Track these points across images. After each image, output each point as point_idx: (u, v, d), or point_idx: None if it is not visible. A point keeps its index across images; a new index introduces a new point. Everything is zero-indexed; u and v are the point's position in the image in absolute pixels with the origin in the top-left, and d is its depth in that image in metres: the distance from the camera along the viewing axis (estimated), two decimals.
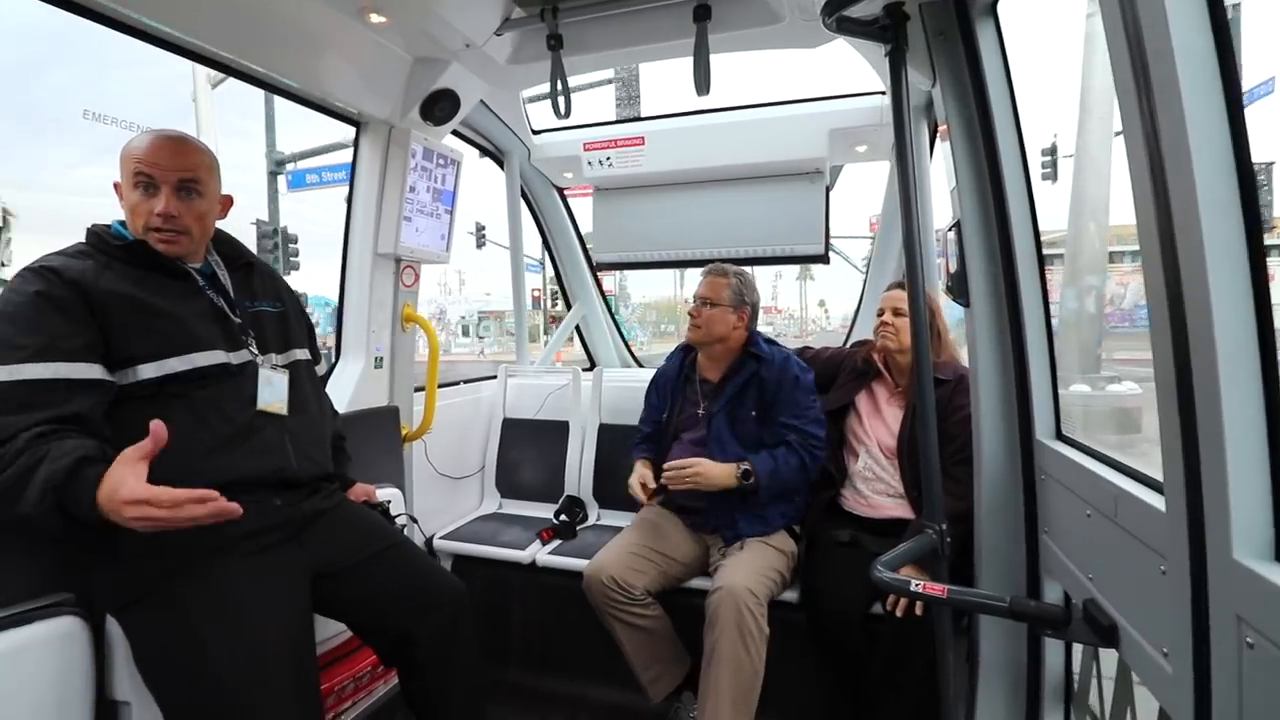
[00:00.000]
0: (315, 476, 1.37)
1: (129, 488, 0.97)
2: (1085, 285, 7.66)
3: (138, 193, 1.20)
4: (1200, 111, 0.67)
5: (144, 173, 1.19)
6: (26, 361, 1.05)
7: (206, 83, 9.34)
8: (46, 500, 0.97)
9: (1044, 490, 1.33)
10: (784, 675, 1.93)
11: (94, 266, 1.16)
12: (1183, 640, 0.76)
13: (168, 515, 0.97)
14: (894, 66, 1.35)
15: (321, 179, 11.04)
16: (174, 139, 1.23)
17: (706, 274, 2.04)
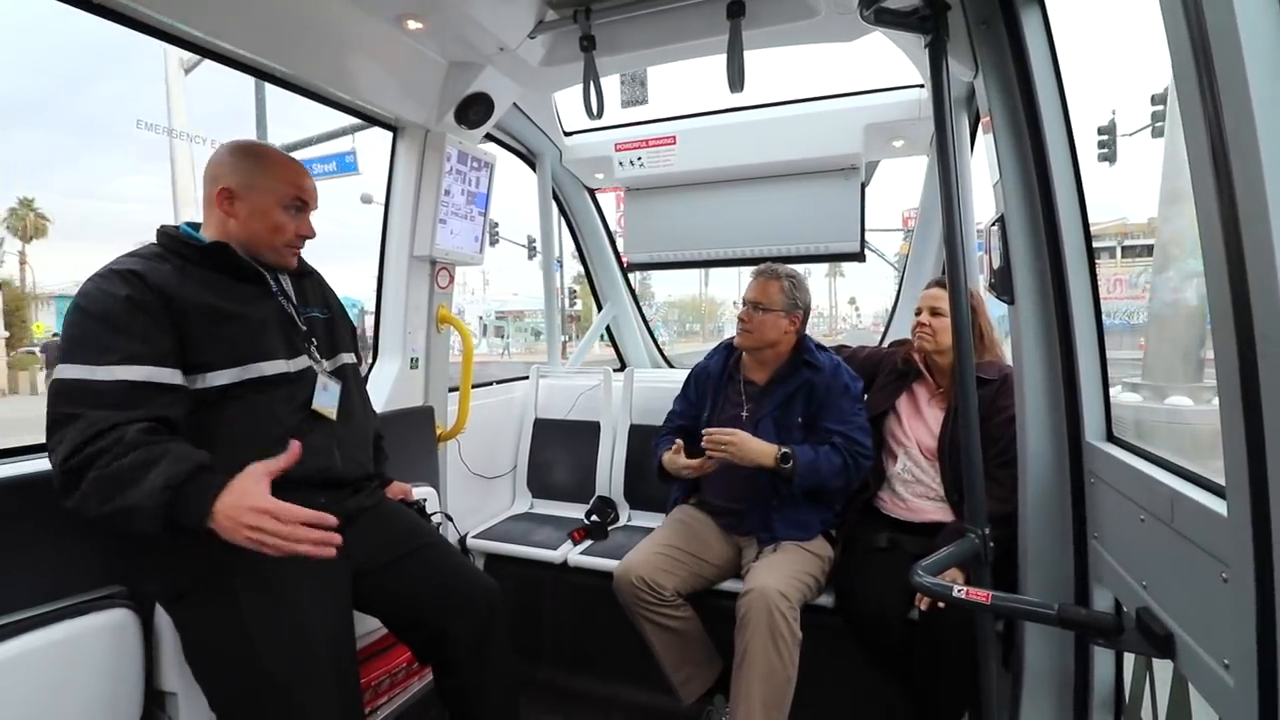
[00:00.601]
0: (358, 476, 1.41)
1: (256, 497, 1.02)
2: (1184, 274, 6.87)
3: (287, 215, 1.31)
4: (1267, 93, 0.64)
5: (301, 199, 1.33)
6: (121, 364, 1.09)
7: (179, 67, 8.94)
8: (161, 497, 1.00)
9: (1093, 494, 1.28)
10: (818, 680, 1.90)
11: (174, 272, 1.20)
12: (1246, 651, 0.72)
13: (284, 531, 1.01)
14: (934, 58, 1.32)
15: (313, 172, 10.84)
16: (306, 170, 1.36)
17: (757, 276, 1.99)
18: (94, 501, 1.02)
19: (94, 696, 1.16)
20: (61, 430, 1.04)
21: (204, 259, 1.25)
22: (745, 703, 1.63)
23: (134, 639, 1.22)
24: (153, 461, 1.02)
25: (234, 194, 1.26)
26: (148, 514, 1.00)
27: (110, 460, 1.01)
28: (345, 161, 9.65)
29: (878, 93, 2.28)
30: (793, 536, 1.86)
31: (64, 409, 1.05)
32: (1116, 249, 24.58)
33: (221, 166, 1.28)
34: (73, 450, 1.02)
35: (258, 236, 1.29)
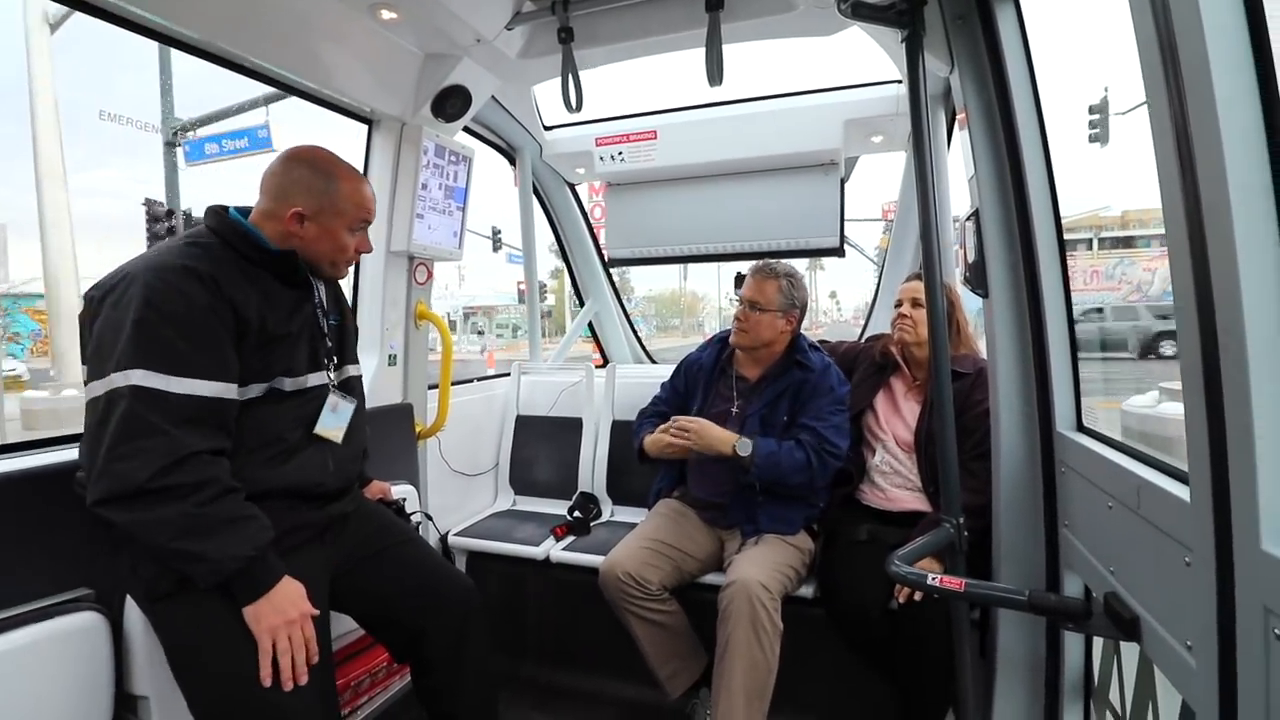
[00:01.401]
0: (346, 486, 1.39)
1: (305, 605, 1.15)
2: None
3: (353, 236, 1.32)
4: (1230, 90, 0.65)
5: (367, 220, 1.34)
6: (198, 378, 1.09)
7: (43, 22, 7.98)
8: (238, 563, 1.07)
9: (1064, 483, 1.31)
10: (800, 671, 1.92)
11: (239, 276, 1.18)
12: (1208, 633, 0.74)
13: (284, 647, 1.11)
14: (910, 53, 1.33)
15: (222, 149, 8.89)
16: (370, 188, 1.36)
17: (754, 274, 1.97)
18: (166, 533, 1.04)
19: (63, 701, 1.13)
20: (138, 441, 1.02)
21: (267, 263, 1.24)
22: (727, 694, 1.64)
23: (103, 642, 1.19)
24: (240, 519, 1.09)
25: (305, 216, 1.25)
26: (213, 568, 1.06)
27: (203, 502, 1.05)
28: (258, 137, 8.57)
29: (857, 88, 2.29)
30: (776, 530, 1.87)
31: (145, 418, 1.03)
32: (1093, 240, 24.98)
33: (294, 185, 1.26)
34: (158, 471, 1.02)
35: (321, 255, 1.30)
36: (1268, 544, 0.64)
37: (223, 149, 8.90)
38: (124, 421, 1.03)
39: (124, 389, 1.04)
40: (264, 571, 1.11)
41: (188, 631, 1.15)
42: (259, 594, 1.10)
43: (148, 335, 1.06)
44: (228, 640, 1.12)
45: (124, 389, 1.04)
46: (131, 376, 1.04)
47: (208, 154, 8.94)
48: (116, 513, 1.03)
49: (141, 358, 1.05)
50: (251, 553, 1.08)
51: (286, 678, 1.11)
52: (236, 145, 8.77)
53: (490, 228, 20.26)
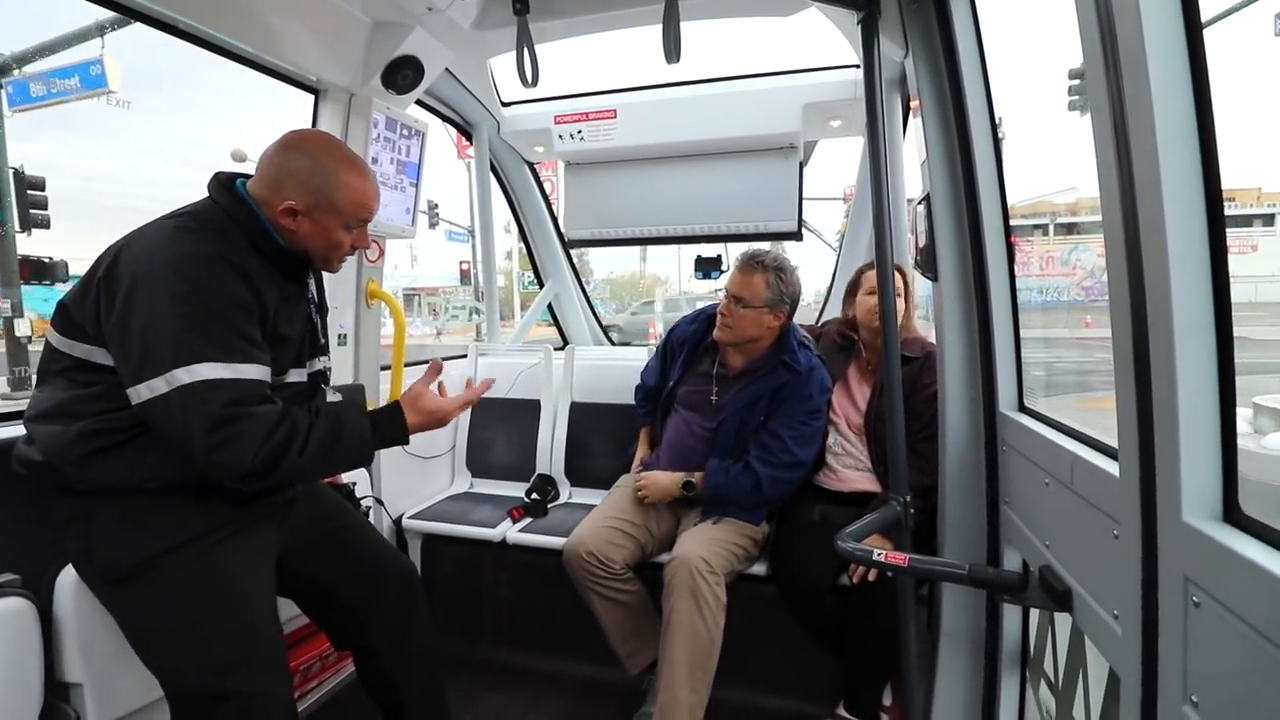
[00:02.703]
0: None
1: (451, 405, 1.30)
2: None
3: (349, 234, 1.27)
4: (1165, 86, 0.67)
5: (365, 219, 1.29)
6: (252, 363, 1.11)
7: None
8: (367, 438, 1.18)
9: (1005, 461, 1.35)
10: (750, 646, 1.96)
11: (260, 269, 1.16)
12: (1132, 602, 0.77)
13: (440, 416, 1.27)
14: (866, 35, 1.34)
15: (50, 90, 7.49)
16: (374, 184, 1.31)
17: (740, 266, 1.89)
18: (308, 475, 1.24)
19: None
20: (232, 427, 1.05)
21: (277, 260, 1.21)
22: (669, 664, 1.67)
23: (31, 629, 1.14)
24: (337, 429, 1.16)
25: (298, 212, 1.19)
26: (358, 459, 1.20)
27: (302, 442, 1.10)
28: (90, 75, 7.27)
29: (816, 72, 2.29)
30: (741, 518, 1.88)
31: (228, 408, 1.05)
32: (1049, 225, 25.56)
33: (290, 177, 1.19)
34: (260, 445, 1.06)
35: (313, 251, 1.26)
36: (1188, 515, 0.67)
37: (50, 90, 7.51)
38: (211, 417, 1.04)
39: (194, 384, 1.03)
40: (393, 431, 1.23)
41: (149, 612, 1.13)
42: (403, 438, 1.24)
43: (202, 329, 1.05)
44: (189, 619, 1.12)
45: (194, 384, 1.03)
46: (197, 371, 1.04)
47: (34, 96, 7.51)
48: (261, 482, 1.11)
49: (203, 351, 1.05)
50: (372, 438, 1.19)
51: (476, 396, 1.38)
52: (66, 85, 7.31)
53: (426, 202, 19.72)
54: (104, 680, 1.21)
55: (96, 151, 15.01)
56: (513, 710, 2.01)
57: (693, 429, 2.00)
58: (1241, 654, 0.61)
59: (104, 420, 1.09)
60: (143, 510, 1.12)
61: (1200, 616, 0.66)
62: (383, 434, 1.21)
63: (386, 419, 1.22)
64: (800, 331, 2.01)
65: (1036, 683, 1.36)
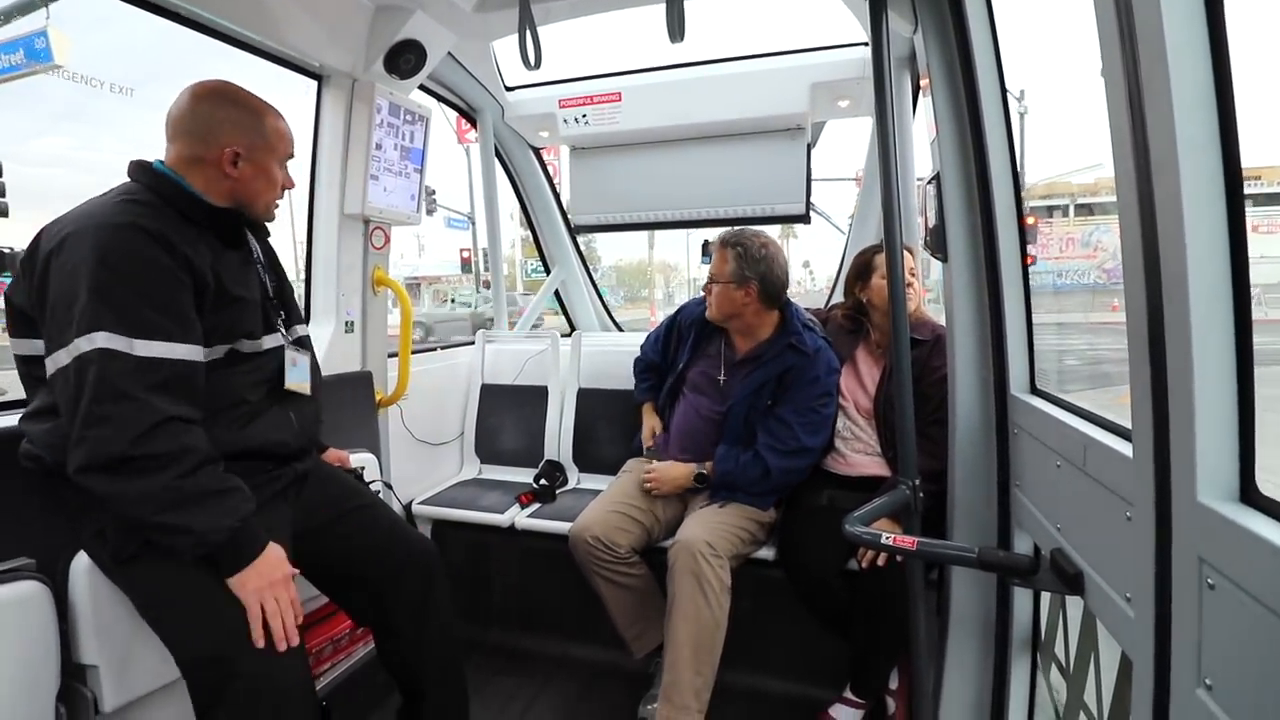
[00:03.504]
0: (307, 445, 1.38)
1: (286, 569, 1.15)
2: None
3: (282, 170, 1.28)
4: (1182, 55, 0.64)
5: (291, 155, 1.31)
6: (164, 340, 1.05)
7: None
8: (223, 535, 1.06)
9: (1016, 444, 1.33)
10: (758, 630, 1.96)
11: (187, 235, 1.13)
12: (1145, 584, 0.76)
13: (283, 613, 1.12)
14: (874, 11, 1.30)
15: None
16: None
17: (714, 246, 1.96)
18: (148, 507, 1.03)
19: (6, 671, 1.10)
20: (109, 406, 1.00)
21: (208, 221, 1.19)
22: (673, 646, 1.68)
23: (47, 612, 1.16)
24: (224, 492, 1.08)
25: (240, 156, 1.19)
26: (198, 540, 1.05)
27: (183, 474, 1.03)
28: (35, 49, 6.75)
29: (824, 50, 2.26)
30: (749, 501, 1.88)
31: (114, 383, 1.00)
32: (1069, 207, 25.00)
33: (221, 125, 1.19)
34: (133, 439, 1.00)
35: (256, 194, 1.25)
36: (1204, 496, 0.66)
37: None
38: (95, 386, 1.00)
39: (90, 353, 1.00)
40: (248, 541, 1.11)
41: (161, 589, 1.14)
42: (244, 564, 1.10)
43: (106, 297, 1.02)
44: (201, 594, 1.12)
45: (90, 353, 1.00)
46: (96, 340, 1.00)
47: None
48: (99, 482, 1.01)
49: (103, 320, 1.01)
50: (236, 524, 1.08)
51: (279, 639, 1.11)
52: (12, 60, 6.83)
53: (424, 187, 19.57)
54: (118, 662, 1.22)
55: (105, 144, 15.05)
56: (523, 693, 2.03)
57: (701, 412, 2.00)
58: (1257, 636, 0.60)
59: None
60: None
61: (1215, 598, 0.65)
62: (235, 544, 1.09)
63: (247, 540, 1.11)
64: (804, 314, 2.00)
65: (1047, 667, 1.36)
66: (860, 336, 2.01)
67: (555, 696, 2.02)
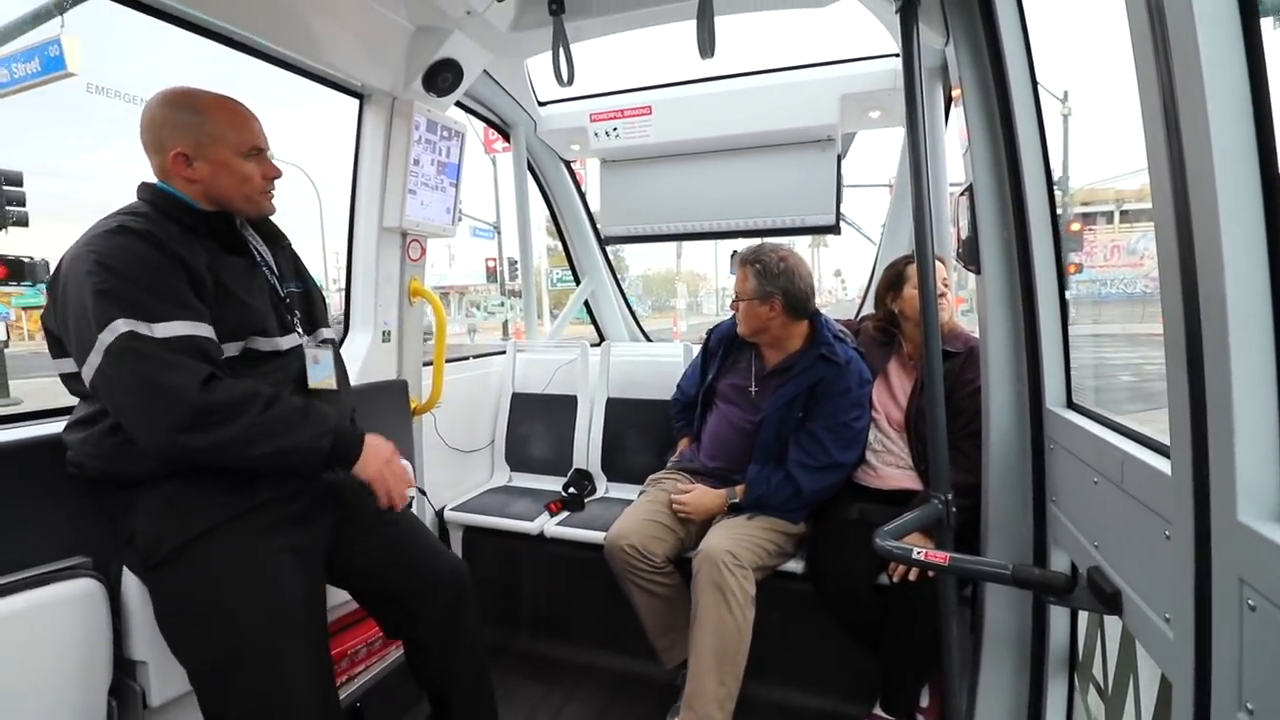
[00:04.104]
0: None
1: (390, 448, 1.31)
2: None
3: (251, 163, 1.26)
4: (1217, 65, 0.64)
5: (258, 147, 1.27)
6: (176, 320, 1.09)
7: None
8: (327, 439, 1.18)
9: (1053, 459, 1.31)
10: (786, 643, 1.95)
11: (182, 239, 1.16)
12: (1185, 604, 0.74)
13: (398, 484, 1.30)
14: (905, 24, 1.31)
15: (13, 75, 6.97)
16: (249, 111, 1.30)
17: (735, 264, 1.98)
18: (252, 444, 1.10)
19: (63, 665, 1.15)
20: (159, 375, 1.04)
21: (203, 227, 1.22)
22: (697, 654, 1.68)
23: (101, 609, 1.21)
24: (304, 411, 1.18)
25: (189, 155, 1.20)
26: (305, 456, 1.17)
27: (263, 409, 1.12)
28: (49, 57, 6.70)
29: (854, 62, 2.26)
30: (779, 515, 1.87)
31: (152, 356, 1.05)
32: (1114, 214, 24.21)
33: (163, 129, 1.20)
34: (197, 390, 1.06)
35: (228, 190, 1.24)
36: (1244, 515, 0.65)
37: (14, 76, 6.99)
38: (136, 364, 1.04)
39: (117, 340, 1.04)
40: (349, 440, 1.24)
41: (181, 598, 1.16)
42: (357, 454, 1.24)
43: (112, 293, 1.06)
44: (219, 607, 1.14)
45: (117, 340, 1.04)
46: (117, 327, 1.04)
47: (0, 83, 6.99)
48: (194, 440, 1.06)
49: (115, 311, 1.05)
50: (331, 432, 1.19)
51: (399, 503, 1.31)
52: (28, 69, 6.78)
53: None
54: (165, 659, 1.27)
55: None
56: (551, 700, 2.05)
57: (732, 421, 2.00)
58: None
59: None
60: (179, 496, 1.15)
61: (1255, 620, 0.63)
62: (343, 440, 1.22)
63: (349, 431, 1.24)
64: (834, 324, 1.99)
65: (1085, 688, 1.32)
66: (892, 348, 1.99)
67: (583, 704, 2.03)
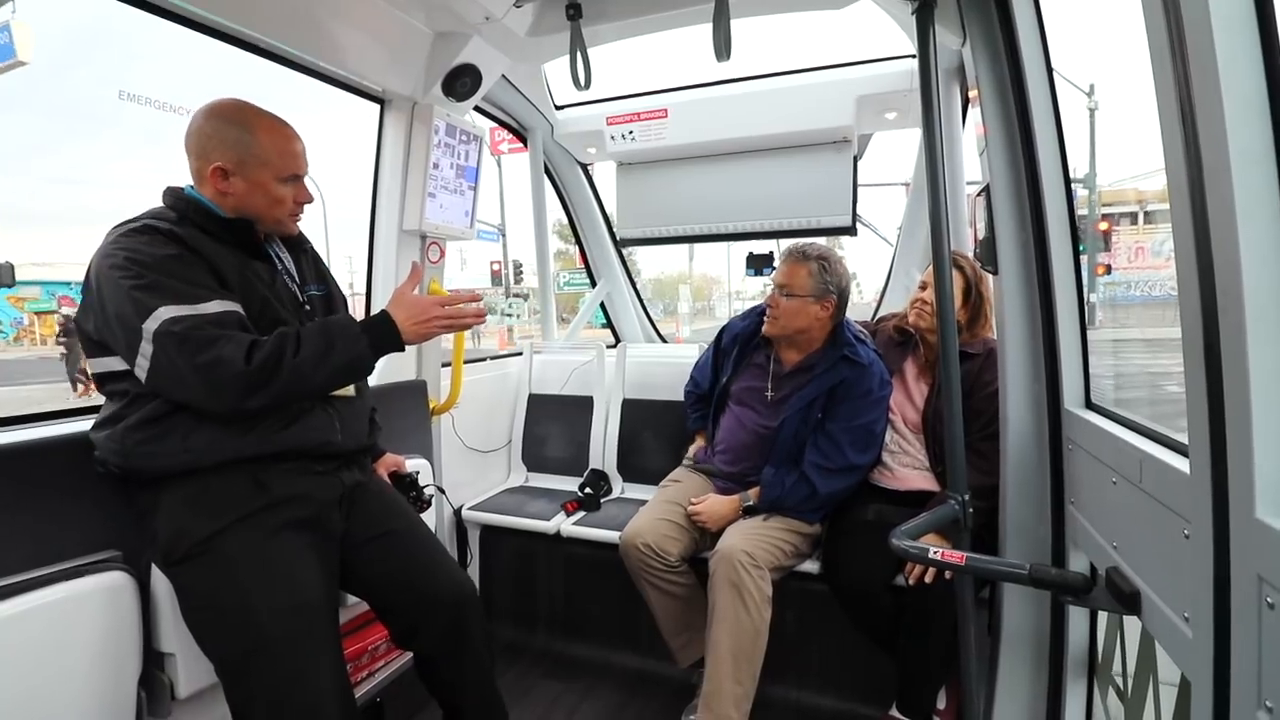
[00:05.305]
0: (356, 450, 1.41)
1: (421, 302, 1.27)
2: None
3: (287, 188, 1.30)
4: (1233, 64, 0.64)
5: (298, 174, 1.31)
6: (211, 300, 1.14)
7: None
8: (362, 341, 1.20)
9: (1071, 460, 1.30)
10: (802, 643, 1.95)
11: (209, 244, 1.20)
12: (1204, 604, 0.74)
13: (454, 313, 1.28)
14: (921, 24, 1.31)
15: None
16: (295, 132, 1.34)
17: (785, 258, 1.92)
18: (306, 381, 1.16)
19: (94, 656, 1.19)
20: (207, 352, 1.09)
21: (225, 233, 1.25)
22: (714, 654, 1.68)
23: (131, 601, 1.24)
24: (327, 331, 1.19)
25: (228, 171, 1.24)
26: (354, 362, 1.21)
27: (294, 349, 1.15)
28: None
29: (870, 63, 2.26)
30: (795, 515, 1.87)
31: (198, 335, 1.09)
32: (1138, 214, 23.77)
33: (209, 140, 1.23)
34: (244, 358, 1.10)
35: (258, 209, 1.28)
36: (1262, 513, 0.65)
37: None
38: (183, 345, 1.08)
39: (162, 325, 1.08)
40: (383, 333, 1.23)
41: (203, 593, 1.19)
42: (398, 338, 1.24)
43: (147, 286, 1.10)
44: (240, 601, 1.16)
45: (162, 325, 1.08)
46: (160, 315, 1.08)
47: None
48: (256, 399, 1.13)
49: (154, 300, 1.09)
50: (365, 336, 1.21)
51: (475, 318, 1.32)
52: None
53: None
54: (193, 651, 1.30)
55: (176, 166, 16.52)
56: (567, 698, 2.06)
57: (746, 425, 2.00)
58: None
59: (141, 413, 1.16)
60: (200, 493, 1.18)
61: (1275, 617, 0.63)
62: (375, 334, 1.22)
63: (374, 321, 1.24)
64: (854, 325, 1.98)
65: (1105, 689, 1.31)
66: (908, 349, 1.99)
67: (598, 703, 2.04)
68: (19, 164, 36.90)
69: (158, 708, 1.32)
